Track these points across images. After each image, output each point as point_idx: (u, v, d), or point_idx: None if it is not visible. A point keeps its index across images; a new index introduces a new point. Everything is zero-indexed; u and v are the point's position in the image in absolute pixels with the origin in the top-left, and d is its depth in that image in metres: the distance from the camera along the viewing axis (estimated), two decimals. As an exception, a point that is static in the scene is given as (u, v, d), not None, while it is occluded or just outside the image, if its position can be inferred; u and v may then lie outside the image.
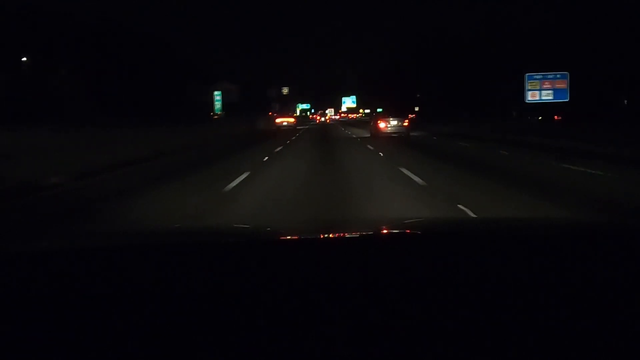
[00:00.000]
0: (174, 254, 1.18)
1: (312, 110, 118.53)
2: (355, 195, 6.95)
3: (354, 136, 24.65)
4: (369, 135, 24.47)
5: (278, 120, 44.28)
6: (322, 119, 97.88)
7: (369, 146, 17.01)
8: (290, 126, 41.70)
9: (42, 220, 5.72)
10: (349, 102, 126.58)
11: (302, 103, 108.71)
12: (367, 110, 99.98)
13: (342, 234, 1.54)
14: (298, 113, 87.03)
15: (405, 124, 23.16)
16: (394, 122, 22.96)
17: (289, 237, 1.51)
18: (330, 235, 1.47)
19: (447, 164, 11.17)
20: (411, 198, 6.57)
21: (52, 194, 7.66)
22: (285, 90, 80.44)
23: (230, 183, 7.87)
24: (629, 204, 6.05)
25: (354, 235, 1.50)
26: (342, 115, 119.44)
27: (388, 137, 21.50)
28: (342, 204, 6.21)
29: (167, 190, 7.73)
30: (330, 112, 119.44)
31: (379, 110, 46.19)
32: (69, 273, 1.06)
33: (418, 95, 58.77)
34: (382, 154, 13.66)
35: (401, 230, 1.60)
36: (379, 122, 23.38)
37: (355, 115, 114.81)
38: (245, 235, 1.61)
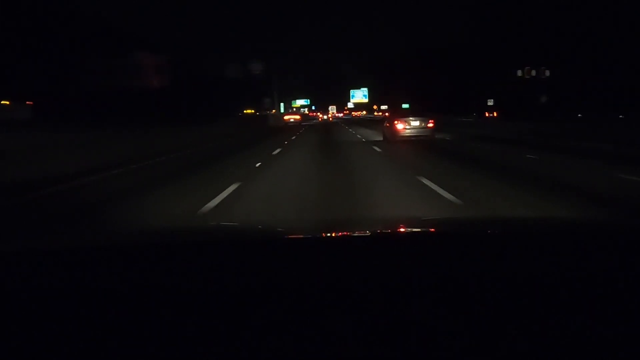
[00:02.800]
0: (179, 253, 1.21)
1: (313, 107, 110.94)
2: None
3: (375, 148, 16.07)
4: (381, 138, 19.75)
5: (286, 117, 57.37)
6: (325, 116, 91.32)
7: (426, 182, 7.41)
8: (296, 122, 52.18)
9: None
10: (359, 96, 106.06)
11: (299, 98, 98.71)
12: (384, 107, 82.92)
13: (347, 233, 1.54)
14: (281, 109, 68.88)
15: (430, 124, 17.94)
16: (415, 123, 17.82)
17: (293, 236, 1.51)
18: (334, 234, 1.49)
19: None
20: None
21: None
22: (257, 69, 41.17)
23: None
24: None
25: (359, 234, 1.51)
26: (345, 112, 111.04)
27: (408, 141, 16.93)
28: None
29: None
30: (332, 109, 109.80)
31: (404, 106, 38.53)
32: (69, 272, 1.07)
33: (522, 74, 37.89)
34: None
35: (406, 230, 1.60)
36: (395, 122, 18.01)
37: (359, 112, 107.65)
38: (249, 234, 1.60)
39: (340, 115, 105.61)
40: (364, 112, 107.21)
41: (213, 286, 1.00)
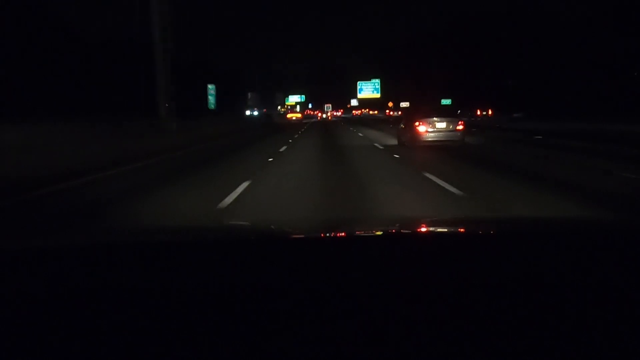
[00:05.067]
0: (182, 252, 1.22)
1: (310, 105, 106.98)
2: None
3: (395, 156, 13.18)
4: (394, 142, 17.30)
5: (289, 115, 65.81)
6: (324, 115, 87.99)
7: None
8: (298, 120, 59.27)
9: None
10: (368, 90, 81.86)
11: (293, 94, 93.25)
12: (405, 104, 63.80)
13: (352, 233, 1.55)
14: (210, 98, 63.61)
15: (460, 127, 15.18)
16: (440, 125, 14.99)
17: (297, 236, 1.51)
18: (339, 234, 1.51)
19: None
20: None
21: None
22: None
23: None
24: None
25: (364, 234, 1.52)
26: (341, 110, 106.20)
27: (433, 147, 14.31)
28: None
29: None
30: (328, 107, 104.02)
31: (445, 102, 33.55)
32: (69, 271, 1.08)
33: None
34: None
35: (412, 230, 1.62)
36: (416, 123, 15.04)
37: (360, 111, 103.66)
38: (254, 233, 1.61)
39: (338, 114, 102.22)
40: (366, 110, 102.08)
41: (216, 285, 1.00)
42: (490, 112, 38.90)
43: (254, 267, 1.07)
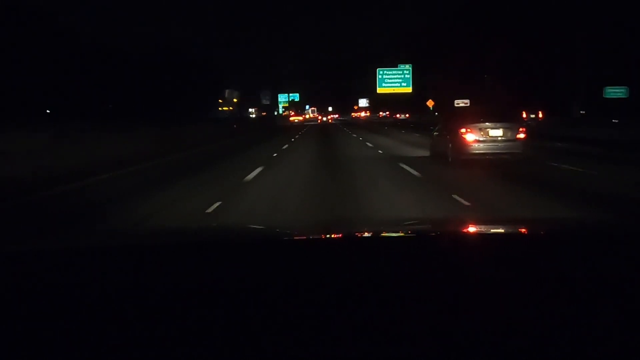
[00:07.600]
0: (181, 253, 1.24)
1: (307, 107, 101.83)
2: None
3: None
4: (420, 153, 14.44)
5: (291, 118, 70.26)
6: (324, 118, 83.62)
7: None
8: (299, 122, 63.56)
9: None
10: (392, 80, 51.00)
11: (284, 92, 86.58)
12: (462, 102, 40.00)
13: (349, 234, 1.57)
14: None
15: (521, 135, 11.61)
16: (495, 132, 11.52)
17: (294, 238, 1.56)
18: (337, 236, 1.54)
19: None
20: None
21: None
22: None
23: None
24: None
25: (362, 235, 1.55)
26: (334, 113, 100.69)
27: (484, 161, 11.25)
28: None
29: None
30: (312, 111, 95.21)
31: (614, 92, 21.48)
32: (69, 272, 1.11)
33: None
34: None
35: (409, 231, 1.67)
36: (462, 130, 11.57)
37: (358, 114, 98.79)
38: (248, 235, 1.65)
39: (335, 116, 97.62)
40: (367, 113, 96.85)
41: (215, 287, 1.01)
42: (540, 115, 30.51)
43: (254, 268, 1.08)
